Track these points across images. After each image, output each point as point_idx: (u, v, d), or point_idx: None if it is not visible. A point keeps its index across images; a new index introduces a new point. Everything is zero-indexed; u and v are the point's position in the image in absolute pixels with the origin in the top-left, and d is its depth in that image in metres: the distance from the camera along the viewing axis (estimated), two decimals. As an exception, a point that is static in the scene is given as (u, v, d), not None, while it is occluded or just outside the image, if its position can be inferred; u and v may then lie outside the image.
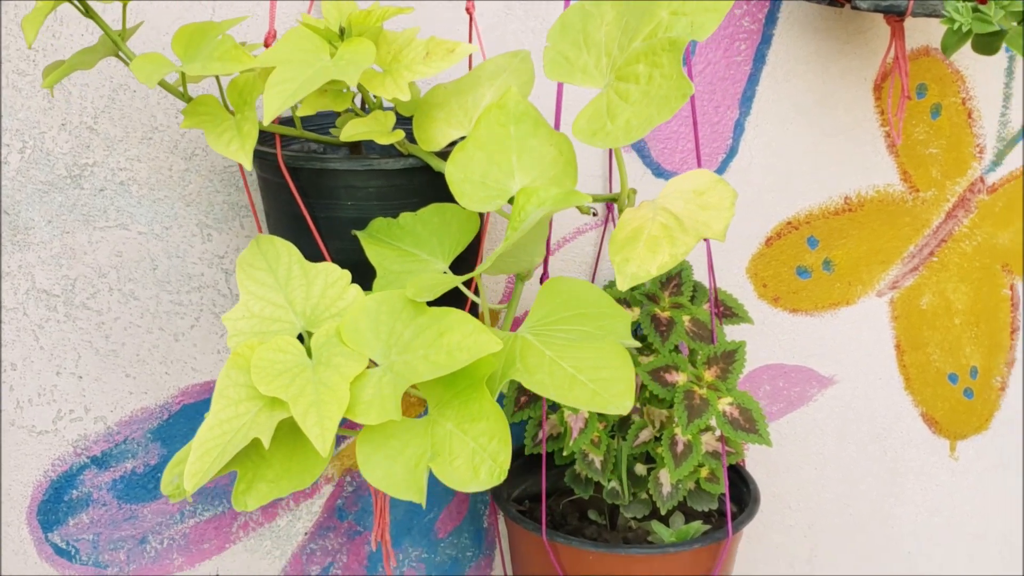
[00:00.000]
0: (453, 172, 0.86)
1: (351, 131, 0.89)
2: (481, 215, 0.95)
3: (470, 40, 1.11)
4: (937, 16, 1.16)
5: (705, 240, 0.97)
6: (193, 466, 0.77)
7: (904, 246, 1.44)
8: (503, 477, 0.75)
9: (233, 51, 0.80)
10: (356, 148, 1.03)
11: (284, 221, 1.01)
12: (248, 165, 0.84)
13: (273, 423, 0.76)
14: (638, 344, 0.83)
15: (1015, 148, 1.45)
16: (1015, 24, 1.05)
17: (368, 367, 0.80)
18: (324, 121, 1.06)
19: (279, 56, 0.81)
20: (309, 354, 0.82)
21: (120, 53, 0.88)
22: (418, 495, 0.76)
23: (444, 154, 0.93)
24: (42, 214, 1.16)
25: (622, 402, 0.76)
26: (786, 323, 1.42)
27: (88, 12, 0.86)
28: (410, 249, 0.93)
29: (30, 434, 1.22)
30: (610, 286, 1.27)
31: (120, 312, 1.21)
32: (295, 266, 0.87)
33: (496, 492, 1.23)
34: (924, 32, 1.36)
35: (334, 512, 1.33)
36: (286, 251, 0.88)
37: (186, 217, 1.20)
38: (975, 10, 1.02)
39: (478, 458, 0.76)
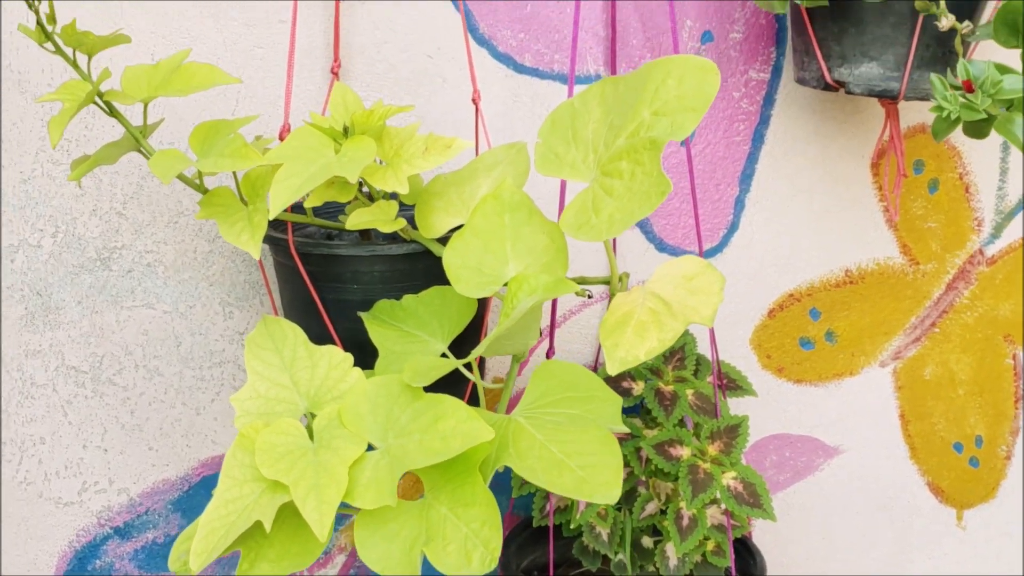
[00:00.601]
0: (451, 258, 0.90)
1: (357, 220, 0.93)
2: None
3: (476, 128, 1.16)
4: (927, 100, 1.19)
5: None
6: (199, 545, 0.80)
7: (906, 317, 1.46)
8: (494, 564, 0.77)
9: (243, 149, 0.85)
10: (364, 233, 1.07)
11: (296, 302, 1.05)
12: (256, 255, 0.88)
13: (275, 506, 0.79)
14: (626, 429, 0.86)
15: (1013, 221, 1.47)
16: (1002, 110, 1.07)
17: (367, 450, 0.83)
18: (335, 207, 1.11)
19: (286, 153, 0.86)
20: (311, 435, 0.85)
21: (141, 149, 0.93)
22: (413, 578, 0.79)
23: (444, 240, 0.97)
24: (73, 295, 1.21)
25: (608, 491, 0.78)
26: (791, 393, 1.44)
27: (112, 112, 0.91)
28: (412, 330, 0.97)
29: (56, 505, 1.25)
30: (612, 361, 1.30)
31: (145, 388, 1.25)
32: (300, 348, 0.91)
33: (505, 564, 1.25)
34: (920, 111, 1.39)
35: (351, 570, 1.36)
36: (292, 333, 0.92)
37: (209, 296, 1.24)
38: (963, 97, 1.05)
39: (471, 544, 0.78)
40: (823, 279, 1.41)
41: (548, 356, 1.18)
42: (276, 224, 1.03)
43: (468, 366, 0.90)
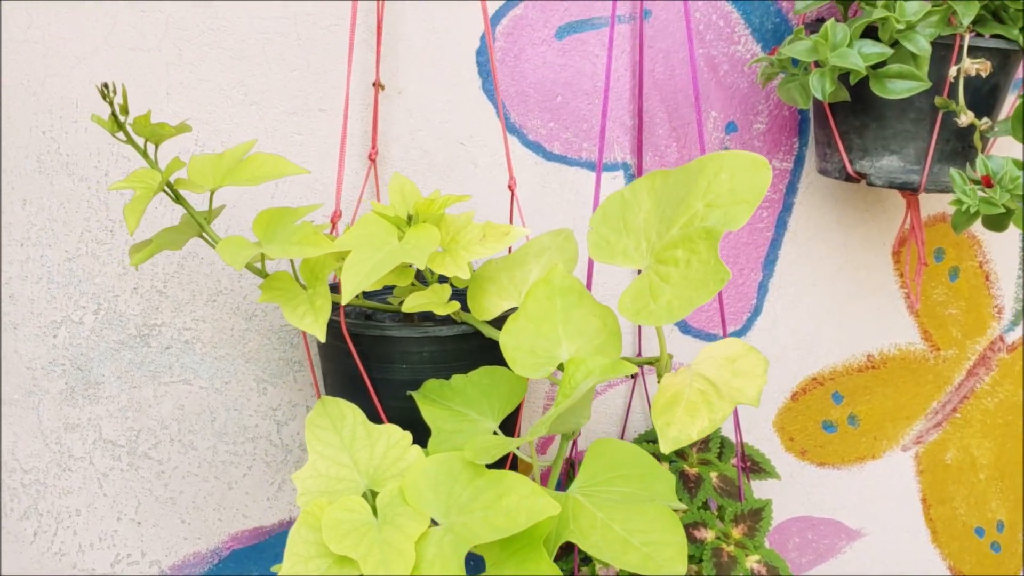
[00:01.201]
0: (507, 341, 0.98)
1: (413, 303, 1.01)
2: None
3: (511, 213, 1.25)
4: (948, 192, 1.29)
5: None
6: (267, 619, 0.86)
7: (927, 402, 1.54)
8: None
9: (312, 236, 0.93)
10: (409, 316, 1.15)
11: (341, 380, 1.13)
12: (322, 337, 0.96)
13: (342, 580, 0.86)
14: (684, 507, 0.93)
15: (1032, 309, 1.56)
16: (1020, 204, 1.17)
17: (430, 527, 0.90)
18: (380, 290, 1.19)
19: (354, 241, 0.94)
20: (375, 512, 0.92)
21: (204, 235, 1.01)
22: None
23: (494, 322, 1.05)
24: (112, 370, 1.28)
25: (674, 567, 0.85)
26: (814, 476, 1.51)
27: (179, 199, 0.99)
28: (462, 409, 1.04)
29: (89, 580, 1.31)
30: (640, 440, 1.37)
31: (179, 461, 1.32)
32: (359, 427, 0.98)
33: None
34: (941, 200, 1.49)
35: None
36: (351, 412, 0.99)
37: (245, 373, 1.32)
38: (982, 192, 1.14)
39: (534, 624, 0.85)
40: (845, 363, 1.49)
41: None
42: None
43: (525, 446, 0.97)
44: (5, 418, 1.27)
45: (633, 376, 1.42)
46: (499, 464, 1.02)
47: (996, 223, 1.20)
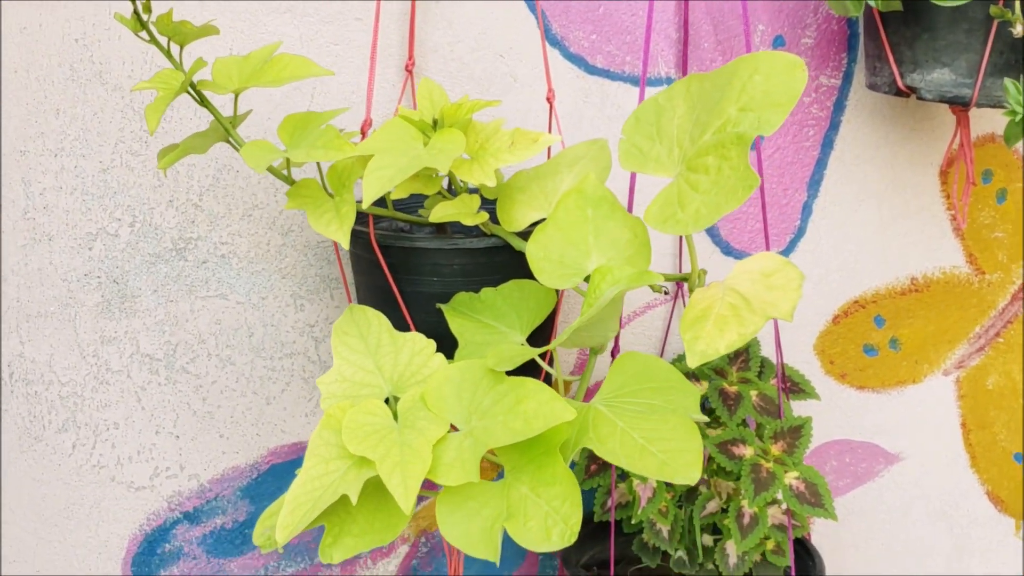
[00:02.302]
0: (534, 251, 0.92)
1: (440, 213, 0.95)
2: (557, 291, 1.00)
3: (550, 126, 1.18)
4: (1000, 107, 1.20)
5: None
6: (285, 519, 0.82)
7: (970, 327, 1.46)
8: (573, 539, 0.79)
9: (336, 140, 0.87)
10: (441, 227, 1.09)
11: (373, 293, 1.08)
12: (346, 244, 0.90)
13: (361, 481, 0.82)
14: (706, 418, 0.87)
15: (1081, 232, 1.47)
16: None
17: (449, 432, 0.85)
18: (412, 202, 1.13)
19: (378, 145, 0.88)
20: (395, 417, 0.87)
21: (230, 139, 0.95)
22: (492, 554, 0.80)
23: (524, 234, 0.99)
24: (148, 284, 1.24)
25: (689, 472, 0.79)
26: (853, 400, 1.45)
27: (203, 102, 0.94)
28: (490, 322, 0.98)
29: (128, 489, 1.28)
30: (678, 360, 1.31)
31: (217, 376, 1.28)
32: (384, 335, 0.93)
33: (565, 558, 1.27)
34: (991, 120, 1.39)
35: (410, 571, 1.37)
36: (377, 321, 0.94)
37: (281, 288, 1.27)
38: (1036, 102, 1.05)
39: (551, 520, 0.80)
40: (888, 286, 1.42)
41: (613, 355, 1.19)
42: (356, 216, 1.05)
43: (547, 358, 0.91)
44: (41, 331, 1.23)
45: (669, 295, 1.35)
46: (526, 375, 0.97)
47: (1048, 137, 1.11)
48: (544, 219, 0.95)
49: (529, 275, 1.02)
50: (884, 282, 1.42)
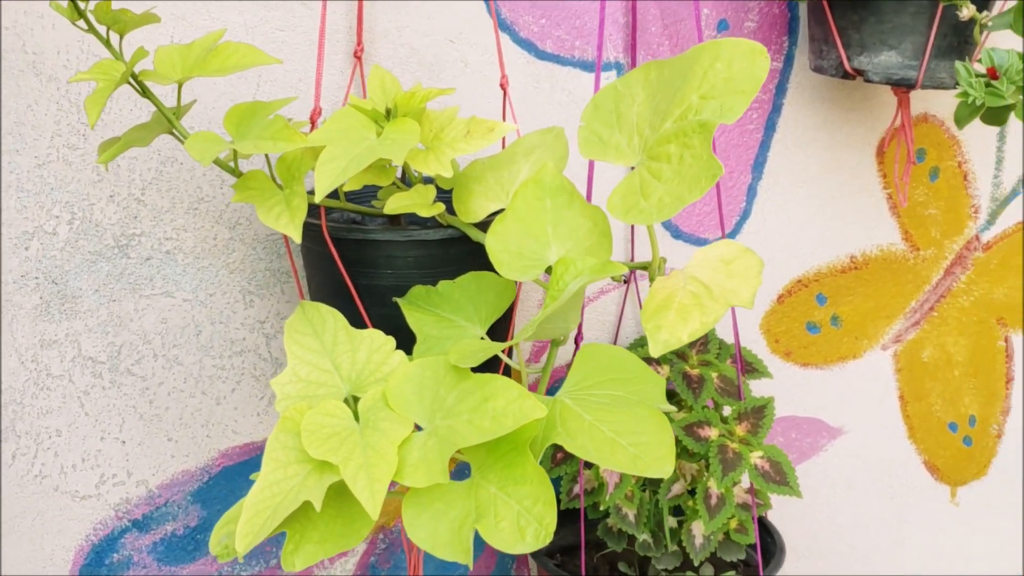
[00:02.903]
0: (493, 243, 0.85)
1: (395, 204, 0.88)
2: (516, 283, 0.93)
3: (504, 114, 1.11)
4: (943, 88, 1.16)
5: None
6: (244, 527, 0.75)
7: (907, 302, 1.43)
8: (548, 539, 0.73)
9: (285, 131, 0.79)
10: (395, 219, 1.02)
11: (326, 288, 1.00)
12: (297, 238, 0.83)
13: (324, 486, 0.74)
14: (673, 408, 0.81)
15: (1007, 208, 1.44)
16: (1022, 98, 1.04)
17: (413, 431, 0.78)
18: (365, 193, 1.05)
19: (329, 136, 0.80)
20: (356, 418, 0.80)
21: (174, 131, 0.87)
22: (463, 555, 0.74)
23: (481, 225, 0.92)
24: (90, 283, 1.14)
25: (662, 466, 0.73)
26: (798, 377, 1.40)
27: (145, 92, 0.85)
28: (448, 315, 0.91)
29: (73, 499, 1.18)
30: (637, 345, 1.26)
31: (164, 377, 1.19)
32: (341, 332, 0.85)
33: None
34: (923, 100, 1.36)
35: (367, 569, 1.30)
36: (332, 318, 0.86)
37: (230, 284, 1.18)
38: (987, 85, 1.01)
39: (523, 520, 0.73)
40: (830, 265, 1.37)
41: (577, 341, 1.13)
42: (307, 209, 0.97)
43: (510, 351, 0.84)
44: (-20, 333, 1.13)
45: (625, 281, 1.29)
46: (488, 370, 0.90)
47: (996, 116, 1.07)
48: (502, 210, 0.88)
49: (485, 266, 0.95)
50: (825, 261, 1.37)
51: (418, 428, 0.79)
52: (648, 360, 1.18)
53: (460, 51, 1.18)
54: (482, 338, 0.90)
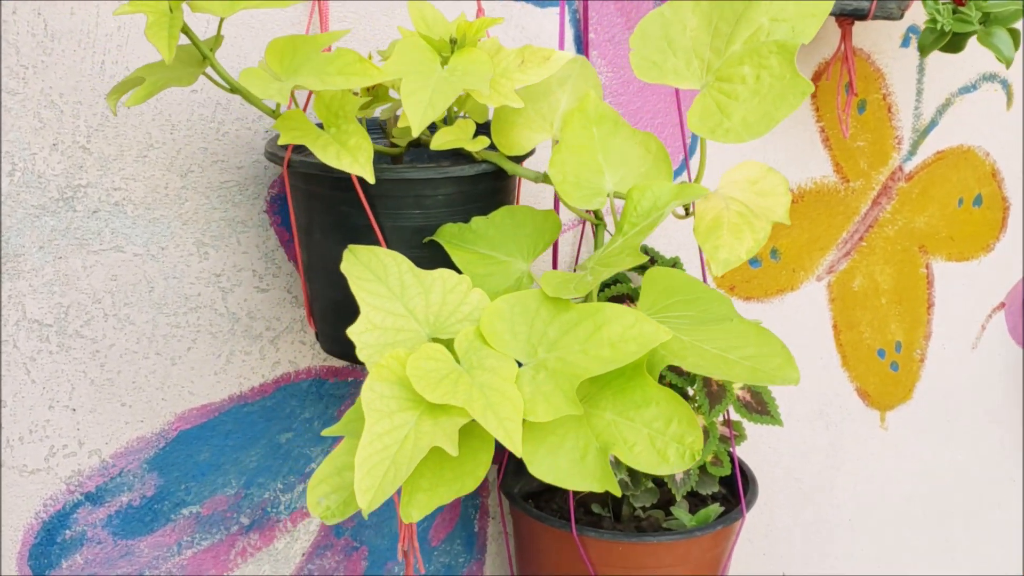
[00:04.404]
0: (554, 175, 0.94)
1: (441, 140, 0.95)
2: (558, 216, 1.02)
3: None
4: (891, 19, 1.32)
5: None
6: (364, 482, 0.79)
7: (838, 233, 1.61)
8: (696, 458, 0.82)
9: (357, 64, 0.84)
10: (398, 158, 1.08)
11: (337, 233, 1.05)
12: (371, 178, 0.88)
13: (448, 430, 0.80)
14: (759, 321, 0.93)
15: (927, 138, 1.64)
16: (980, 26, 1.21)
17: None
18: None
19: (401, 68, 0.86)
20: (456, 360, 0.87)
21: (209, 69, 0.90)
22: (597, 483, 0.83)
23: (516, 159, 1.00)
24: (33, 240, 1.15)
25: (786, 373, 0.85)
26: (741, 309, 1.55)
27: (183, 27, 0.88)
28: (487, 252, 0.99)
29: (21, 474, 1.19)
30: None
31: (116, 339, 1.20)
32: (407, 275, 0.91)
33: (508, 492, 1.30)
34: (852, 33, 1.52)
35: (331, 530, 1.36)
36: (394, 261, 0.92)
37: (183, 236, 1.21)
38: (954, 11, 1.17)
39: (659, 442, 0.83)
40: (773, 197, 1.53)
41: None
42: (301, 148, 1.01)
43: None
44: (-76, 299, 1.12)
45: (580, 221, 1.40)
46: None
47: (955, 44, 1.24)
48: (545, 140, 0.97)
49: (510, 201, 1.04)
50: (768, 194, 1.53)
51: (519, 364, 0.87)
52: (624, 297, 1.30)
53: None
54: (526, 271, 0.99)
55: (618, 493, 0.83)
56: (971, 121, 1.70)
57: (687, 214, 1.00)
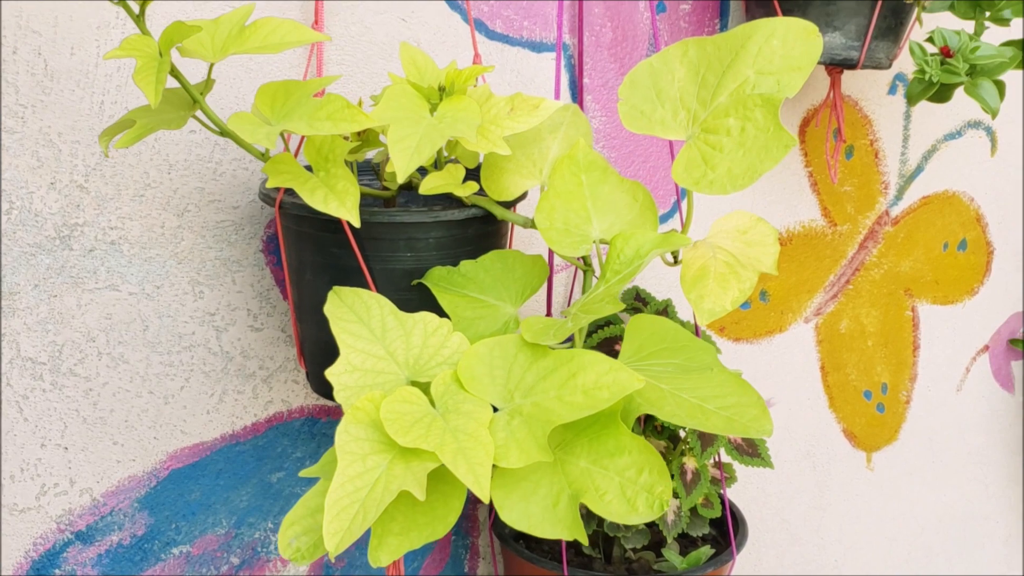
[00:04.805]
0: (541, 220, 0.91)
1: (430, 184, 0.92)
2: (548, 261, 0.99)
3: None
4: (879, 68, 1.30)
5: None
6: (332, 525, 0.77)
7: (826, 276, 1.58)
8: (665, 508, 0.79)
9: (346, 110, 0.82)
10: (390, 201, 1.06)
11: (326, 275, 1.02)
12: (356, 222, 0.86)
13: (419, 475, 0.78)
14: (740, 371, 0.90)
15: (913, 183, 1.62)
16: (967, 77, 1.19)
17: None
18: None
19: (390, 114, 0.84)
20: (432, 403, 0.84)
21: (199, 112, 0.88)
22: (566, 531, 0.80)
23: (507, 204, 0.98)
24: (28, 278, 1.12)
25: (761, 425, 0.82)
26: (730, 351, 1.53)
27: (172, 70, 0.86)
28: (476, 295, 0.96)
29: (11, 513, 1.15)
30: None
31: (109, 377, 1.17)
32: (389, 317, 0.89)
33: (499, 533, 1.27)
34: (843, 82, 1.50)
35: (321, 568, 1.32)
36: (377, 304, 0.89)
37: (178, 275, 1.18)
38: (942, 63, 1.15)
39: (630, 491, 0.80)
40: (762, 241, 1.50)
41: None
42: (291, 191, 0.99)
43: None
44: (-83, 337, 1.09)
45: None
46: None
47: (943, 94, 1.22)
48: (534, 187, 0.94)
49: (501, 246, 1.01)
50: (757, 238, 1.50)
51: (494, 409, 0.84)
52: (615, 339, 1.27)
53: (413, 30, 1.23)
54: (514, 316, 0.96)
55: (586, 542, 0.80)
56: (956, 167, 1.67)
57: (676, 262, 0.97)
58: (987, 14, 1.22)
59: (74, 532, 1.19)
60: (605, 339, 1.27)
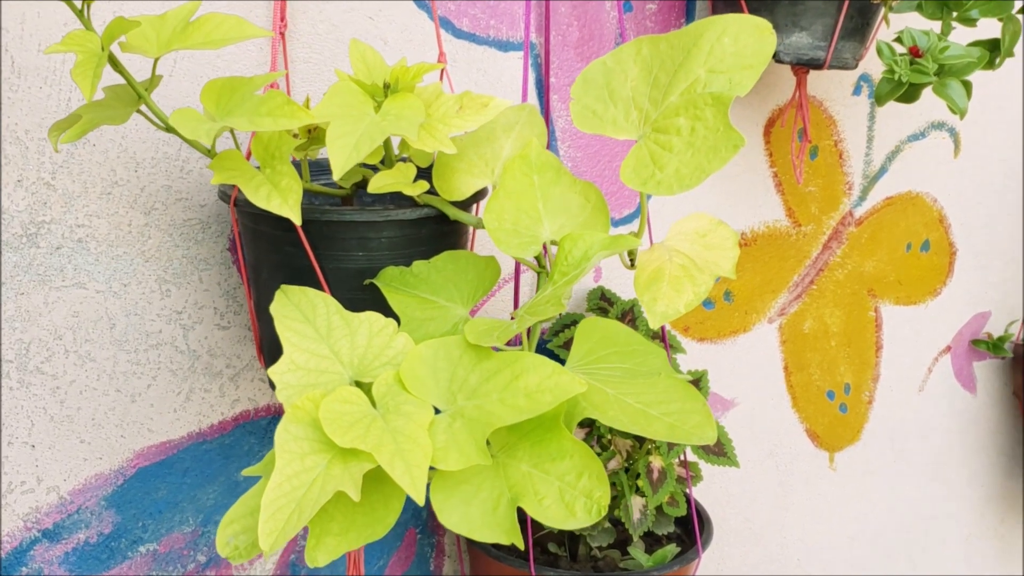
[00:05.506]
0: (489, 221, 0.85)
1: (379, 183, 0.86)
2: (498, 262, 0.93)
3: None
4: (846, 68, 1.24)
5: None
6: (267, 525, 0.71)
7: (790, 276, 1.52)
8: (603, 513, 0.73)
9: (286, 106, 0.76)
10: (347, 199, 1.00)
11: (282, 273, 0.96)
12: (298, 220, 0.80)
13: (355, 476, 0.72)
14: (690, 377, 0.84)
15: (876, 184, 1.56)
16: (935, 77, 1.12)
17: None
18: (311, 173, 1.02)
19: (331, 111, 0.78)
20: (373, 403, 0.78)
21: (144, 107, 0.82)
22: (505, 536, 0.73)
23: (460, 204, 0.92)
24: (-7, 276, 1.06)
25: (704, 432, 0.76)
26: (694, 351, 1.47)
27: (116, 66, 0.79)
28: (428, 296, 0.90)
29: (-23, 509, 1.10)
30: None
31: (76, 375, 1.11)
32: (335, 316, 0.83)
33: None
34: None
35: (288, 568, 1.26)
36: (322, 302, 0.83)
37: (145, 273, 1.12)
38: (911, 63, 1.09)
39: (568, 496, 0.74)
40: (727, 242, 1.44)
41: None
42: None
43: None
44: None
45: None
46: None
47: (911, 94, 1.16)
48: (487, 187, 0.88)
49: (455, 246, 0.95)
50: (722, 239, 1.44)
51: (436, 411, 0.78)
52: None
53: (380, 28, 1.17)
54: (465, 318, 0.90)
55: (522, 547, 0.74)
56: (920, 168, 1.61)
57: (632, 265, 0.91)
58: (954, 14, 1.16)
59: (41, 530, 1.12)
60: (569, 341, 1.21)
